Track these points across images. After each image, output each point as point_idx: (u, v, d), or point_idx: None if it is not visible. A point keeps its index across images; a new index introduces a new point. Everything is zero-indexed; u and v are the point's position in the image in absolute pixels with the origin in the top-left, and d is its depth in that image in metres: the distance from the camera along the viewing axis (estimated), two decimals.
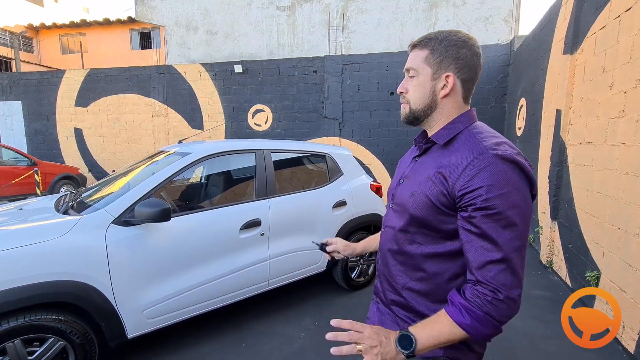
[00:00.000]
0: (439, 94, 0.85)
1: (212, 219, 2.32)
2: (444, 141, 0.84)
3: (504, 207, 0.71)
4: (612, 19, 2.65)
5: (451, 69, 0.83)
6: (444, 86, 0.84)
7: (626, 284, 2.27)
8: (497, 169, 0.72)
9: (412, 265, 0.89)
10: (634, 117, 2.27)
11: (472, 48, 0.83)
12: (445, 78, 0.83)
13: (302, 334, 2.50)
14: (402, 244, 0.90)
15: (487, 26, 7.22)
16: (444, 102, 0.85)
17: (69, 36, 16.82)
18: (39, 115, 9.28)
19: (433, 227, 0.83)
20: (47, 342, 1.70)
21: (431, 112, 0.87)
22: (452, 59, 0.82)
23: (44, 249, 1.69)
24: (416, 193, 0.85)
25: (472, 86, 0.87)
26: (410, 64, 0.87)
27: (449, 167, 0.78)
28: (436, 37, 0.84)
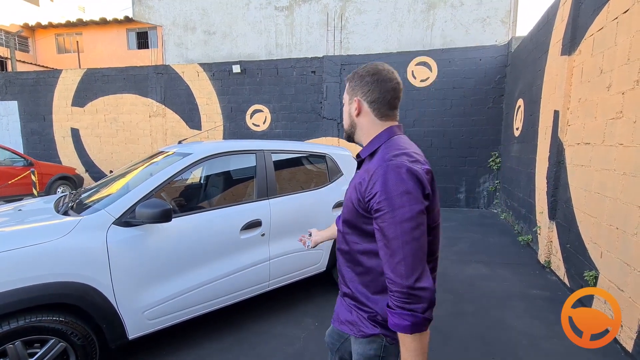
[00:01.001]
0: (353, 115, 1.05)
1: (212, 219, 2.31)
2: (366, 155, 1.02)
3: (392, 208, 0.85)
4: (609, 20, 2.68)
5: (358, 95, 1.03)
6: (356, 108, 1.04)
7: (624, 283, 2.30)
8: (387, 178, 0.87)
9: (354, 261, 1.05)
10: (632, 118, 2.30)
11: (374, 76, 1.01)
12: (355, 101, 1.04)
13: (302, 334, 2.50)
14: (343, 243, 1.08)
15: (484, 27, 7.26)
16: (359, 120, 1.05)
17: (65, 36, 16.72)
18: (35, 115, 9.22)
19: (358, 227, 0.99)
20: (48, 343, 1.69)
21: (354, 130, 1.08)
22: (359, 87, 1.03)
23: (44, 250, 1.68)
24: (346, 201, 1.04)
25: (381, 105, 1.02)
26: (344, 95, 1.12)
27: (364, 178, 0.94)
28: (353, 74, 1.06)
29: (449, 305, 2.93)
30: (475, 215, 6.42)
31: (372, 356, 1.03)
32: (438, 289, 3.77)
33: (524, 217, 4.84)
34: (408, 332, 0.84)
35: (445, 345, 2.38)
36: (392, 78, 1.02)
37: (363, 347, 1.04)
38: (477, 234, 5.16)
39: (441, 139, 7.03)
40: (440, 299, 3.07)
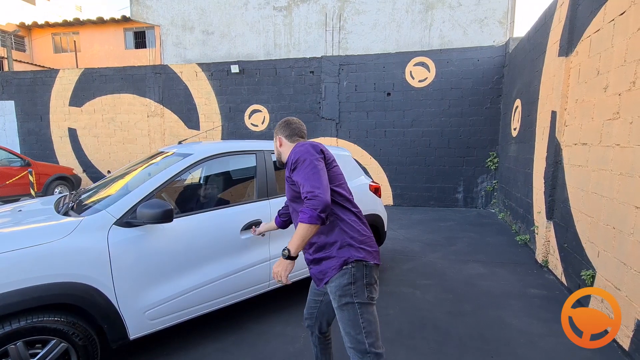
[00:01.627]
0: (279, 148, 1.75)
1: (213, 219, 2.32)
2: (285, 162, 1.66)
3: (299, 163, 1.47)
4: (606, 22, 2.70)
5: (280, 134, 1.74)
6: (279, 142, 1.75)
7: (621, 282, 2.32)
8: (296, 150, 1.53)
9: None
10: (628, 119, 2.32)
11: (283, 123, 1.75)
12: (278, 139, 1.75)
13: (302, 334, 2.51)
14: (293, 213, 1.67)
15: (482, 28, 7.30)
16: (282, 149, 1.74)
17: (62, 35, 16.63)
18: (32, 115, 9.17)
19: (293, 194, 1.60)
20: (50, 344, 1.69)
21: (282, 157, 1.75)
22: (279, 131, 1.74)
23: (46, 251, 1.69)
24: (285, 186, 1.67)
25: (291, 136, 1.71)
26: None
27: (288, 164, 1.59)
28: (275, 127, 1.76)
29: (448, 305, 2.95)
30: (473, 215, 6.45)
31: (346, 284, 1.43)
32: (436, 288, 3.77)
33: (521, 216, 4.88)
34: (308, 221, 1.35)
35: (444, 344, 2.39)
36: (291, 122, 1.75)
37: (338, 280, 1.45)
38: (475, 233, 5.19)
39: (439, 139, 7.06)
40: (440, 298, 3.09)
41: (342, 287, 1.43)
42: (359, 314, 1.42)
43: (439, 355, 2.28)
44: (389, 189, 7.42)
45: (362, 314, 1.42)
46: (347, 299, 1.43)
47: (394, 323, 2.66)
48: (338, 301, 1.45)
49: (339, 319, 1.47)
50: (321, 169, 1.42)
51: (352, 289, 1.42)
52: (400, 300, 3.05)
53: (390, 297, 3.09)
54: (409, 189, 7.33)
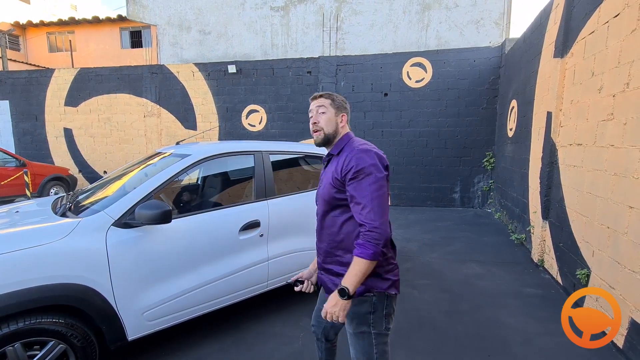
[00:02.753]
0: (339, 125, 1.42)
1: (211, 220, 2.32)
2: (337, 152, 1.39)
3: (363, 176, 1.24)
4: (601, 24, 2.74)
5: (343, 112, 1.44)
6: (342, 120, 1.42)
7: (615, 281, 2.35)
8: (358, 156, 1.27)
9: (334, 233, 1.37)
10: (622, 120, 2.36)
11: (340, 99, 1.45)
12: (341, 117, 1.42)
13: (301, 334, 2.52)
14: (325, 220, 1.40)
15: (478, 29, 7.34)
16: (341, 129, 1.43)
17: (57, 34, 16.50)
18: (27, 115, 9.10)
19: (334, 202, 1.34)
20: (48, 345, 1.69)
21: (335, 135, 1.41)
22: (341, 107, 1.43)
23: (44, 252, 1.68)
24: (325, 185, 1.39)
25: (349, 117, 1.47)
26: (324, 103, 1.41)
27: (340, 163, 1.32)
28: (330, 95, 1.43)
29: (445, 304, 2.97)
30: (470, 215, 6.49)
31: (365, 313, 1.32)
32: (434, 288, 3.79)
33: (517, 216, 4.92)
34: (369, 257, 1.20)
35: (441, 343, 2.41)
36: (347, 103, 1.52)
37: (356, 307, 1.31)
38: (472, 233, 5.22)
39: (436, 139, 7.10)
40: (437, 298, 3.11)
41: (360, 315, 1.33)
42: (374, 344, 1.34)
43: (437, 354, 2.30)
44: None
45: (377, 345, 1.35)
46: (364, 328, 1.33)
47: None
48: (354, 328, 1.35)
49: (352, 344, 1.39)
50: (386, 192, 1.25)
51: (370, 318, 1.32)
52: (399, 300, 3.05)
53: None
54: (406, 189, 7.36)
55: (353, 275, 1.20)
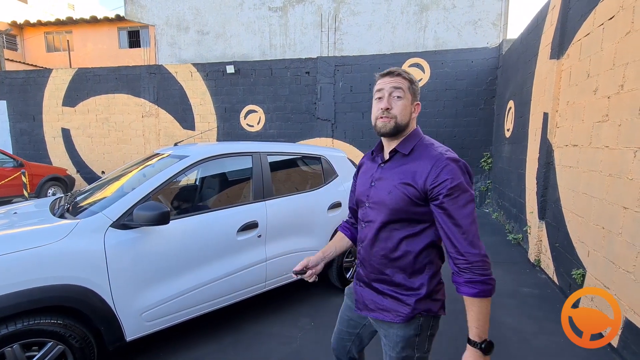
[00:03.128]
0: (413, 115, 1.17)
1: (209, 221, 2.33)
2: (408, 151, 1.14)
3: (459, 193, 1.02)
4: (596, 26, 2.76)
5: (418, 100, 1.19)
6: (415, 109, 1.18)
7: (610, 281, 2.38)
8: (452, 167, 1.04)
9: (391, 249, 1.16)
10: (617, 121, 2.38)
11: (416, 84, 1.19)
12: (416, 105, 1.18)
13: (299, 334, 2.53)
14: (382, 232, 1.17)
15: (476, 29, 7.37)
16: (412, 121, 1.18)
17: (55, 34, 16.45)
18: (25, 115, 9.08)
19: (406, 215, 1.12)
20: (46, 346, 1.69)
21: (407, 126, 1.17)
22: (418, 94, 1.19)
23: (42, 253, 1.69)
24: (393, 192, 1.12)
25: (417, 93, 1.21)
26: (400, 84, 1.14)
27: (418, 170, 1.09)
28: (408, 75, 1.16)
29: None
30: None
31: (412, 336, 1.18)
32: None
33: (514, 216, 4.94)
34: (489, 294, 1.00)
35: (439, 344, 2.42)
36: None
37: (404, 330, 1.17)
38: None
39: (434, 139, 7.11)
40: None
41: (407, 338, 1.19)
42: None
43: (434, 354, 2.30)
44: None
45: None
46: (408, 352, 1.21)
47: None
48: (398, 352, 1.22)
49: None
50: None
51: (416, 341, 1.20)
52: None
53: None
54: None
55: (483, 322, 1.03)
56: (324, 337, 2.50)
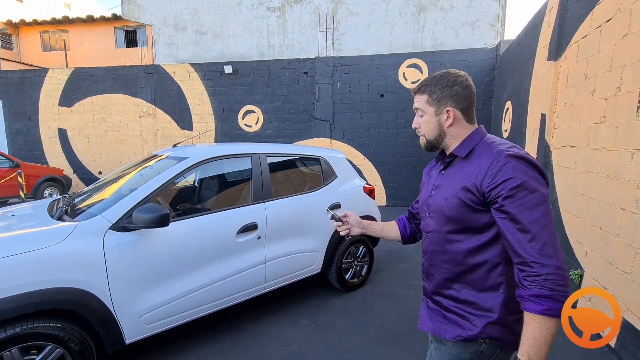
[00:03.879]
0: (444, 125, 1.05)
1: (209, 223, 2.33)
2: (465, 153, 1.02)
3: (525, 193, 0.87)
4: (593, 28, 2.78)
5: (450, 104, 1.03)
6: (447, 118, 1.04)
7: (607, 281, 2.40)
8: (513, 165, 0.89)
9: (455, 262, 1.03)
10: (614, 123, 2.40)
11: (462, 83, 1.02)
12: (446, 112, 1.03)
13: (299, 335, 2.53)
14: (444, 244, 1.05)
15: (474, 30, 7.39)
16: (451, 129, 1.05)
17: (51, 33, 16.33)
18: (21, 115, 9.01)
19: (467, 224, 0.98)
20: (45, 349, 1.69)
21: (442, 139, 1.07)
22: (448, 96, 1.03)
23: (41, 256, 1.68)
24: (449, 198, 1.01)
25: (470, 111, 1.05)
26: (418, 105, 1.08)
27: (474, 172, 0.96)
28: (430, 82, 1.05)
29: None
30: None
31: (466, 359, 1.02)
32: None
33: None
34: (558, 314, 0.83)
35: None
36: (470, 83, 1.04)
37: (458, 350, 1.03)
38: None
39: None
40: None
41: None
42: None
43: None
44: (382, 189, 7.47)
45: None
46: None
47: (389, 323, 2.70)
48: None
49: None
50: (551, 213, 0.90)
51: None
52: (395, 300, 3.09)
53: (385, 298, 3.13)
54: (403, 189, 7.40)
55: (540, 343, 0.84)
56: (324, 338, 2.50)
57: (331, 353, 2.34)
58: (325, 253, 3.01)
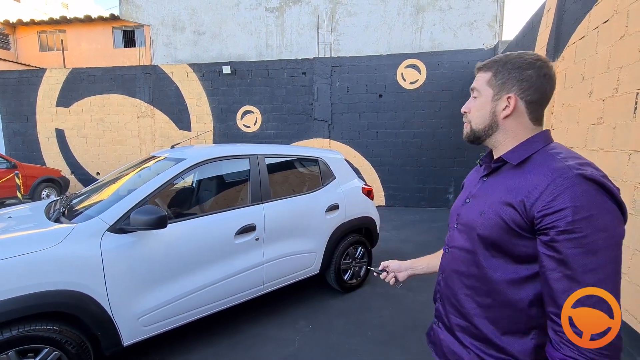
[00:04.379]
0: (499, 115, 0.84)
1: (207, 224, 2.32)
2: (518, 161, 0.80)
3: (590, 231, 0.66)
4: (591, 29, 2.79)
5: (514, 90, 0.81)
6: (505, 107, 0.83)
7: None
8: (582, 190, 0.67)
9: (481, 290, 0.83)
10: (612, 124, 2.40)
11: (540, 69, 0.80)
12: (506, 99, 0.82)
13: (297, 337, 2.53)
14: (470, 266, 0.86)
15: (472, 31, 7.41)
16: (507, 122, 0.83)
17: (48, 33, 16.27)
18: (18, 116, 8.97)
19: (504, 249, 0.78)
20: (42, 352, 1.68)
21: (492, 132, 0.86)
22: (516, 80, 0.81)
23: (38, 259, 1.67)
24: (486, 212, 0.81)
25: (539, 108, 0.83)
26: (475, 84, 0.89)
27: (526, 187, 0.75)
28: (500, 59, 0.84)
29: None
30: None
31: None
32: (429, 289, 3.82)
33: None
34: None
35: None
36: (551, 73, 0.82)
37: None
38: None
39: (430, 140, 7.15)
40: (429, 298, 3.14)
41: None
42: None
43: (427, 356, 2.32)
44: (381, 189, 7.48)
45: None
46: None
47: (387, 325, 2.70)
48: None
49: None
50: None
51: None
52: (393, 301, 3.09)
53: (383, 299, 3.13)
54: (401, 189, 7.41)
55: None
56: (322, 340, 2.50)
57: (329, 354, 2.34)
58: (324, 254, 3.01)
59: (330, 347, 2.42)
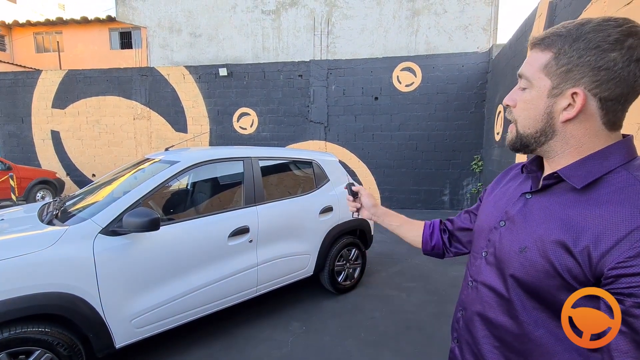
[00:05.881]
0: (557, 117, 0.59)
1: (200, 227, 2.33)
2: (584, 184, 0.57)
3: None
4: None
5: (584, 83, 0.56)
6: (568, 106, 0.58)
7: None
8: None
9: (514, 348, 0.65)
10: None
11: (631, 51, 0.53)
12: (570, 96, 0.57)
13: (290, 339, 2.54)
14: (501, 314, 0.66)
15: (467, 34, 7.47)
16: (568, 127, 0.59)
17: (45, 34, 16.23)
18: (13, 117, 8.93)
19: (549, 301, 0.59)
20: (34, 355, 1.68)
21: (546, 139, 0.62)
22: (589, 68, 0.55)
23: (30, 261, 1.67)
24: (529, 250, 0.61)
25: (621, 107, 0.57)
26: (524, 69, 0.63)
27: (594, 227, 0.54)
28: (568, 33, 0.57)
29: (433, 306, 3.02)
30: None
31: None
32: (421, 290, 3.84)
33: None
34: None
35: (428, 346, 2.46)
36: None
37: None
38: None
39: (426, 143, 7.20)
40: (424, 300, 3.16)
41: None
42: None
43: (423, 356, 2.35)
44: (377, 191, 7.51)
45: None
46: None
47: (380, 326, 2.72)
48: None
49: None
50: None
51: None
52: (386, 303, 3.11)
53: (376, 300, 3.15)
54: (397, 191, 7.44)
55: None
56: (315, 341, 2.51)
57: (322, 356, 2.35)
58: (318, 256, 3.02)
59: (323, 348, 2.43)
